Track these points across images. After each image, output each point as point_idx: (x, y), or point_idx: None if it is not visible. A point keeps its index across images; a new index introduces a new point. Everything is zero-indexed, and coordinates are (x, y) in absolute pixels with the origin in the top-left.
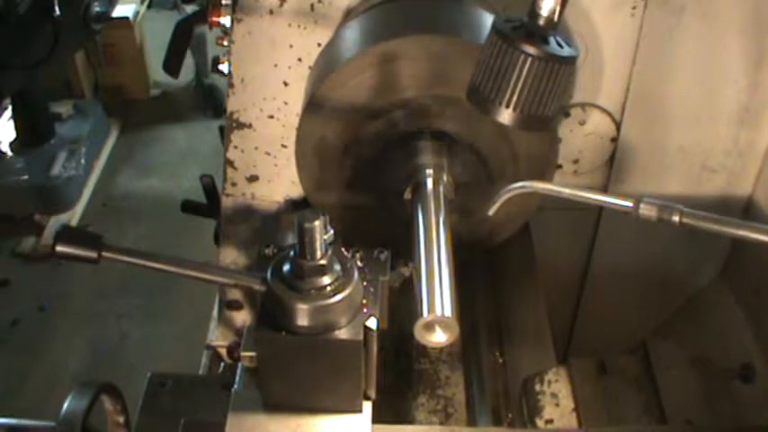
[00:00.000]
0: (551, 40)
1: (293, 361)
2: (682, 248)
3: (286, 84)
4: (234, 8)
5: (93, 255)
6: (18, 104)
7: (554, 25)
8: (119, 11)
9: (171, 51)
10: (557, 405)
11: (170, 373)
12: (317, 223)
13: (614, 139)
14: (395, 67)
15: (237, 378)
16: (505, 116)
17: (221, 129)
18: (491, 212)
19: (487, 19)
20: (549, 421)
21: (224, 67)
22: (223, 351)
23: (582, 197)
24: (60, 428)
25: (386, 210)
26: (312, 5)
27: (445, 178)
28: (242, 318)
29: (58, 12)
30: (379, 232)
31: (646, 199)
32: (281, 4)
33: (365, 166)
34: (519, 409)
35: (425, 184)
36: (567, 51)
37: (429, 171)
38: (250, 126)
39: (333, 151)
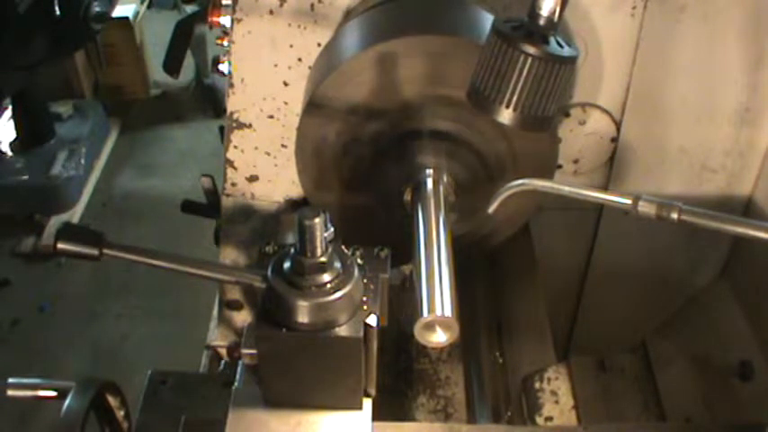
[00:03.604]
0: (551, 40)
1: (294, 358)
2: (682, 248)
3: (286, 84)
4: (234, 8)
5: (95, 252)
6: (18, 104)
7: (554, 25)
8: (119, 11)
9: (171, 51)
10: (556, 402)
11: (171, 371)
12: (317, 221)
13: (614, 139)
14: (395, 67)
15: (238, 375)
16: (505, 116)
17: (221, 129)
18: (491, 210)
19: (487, 19)
20: (549, 419)
21: (224, 67)
22: (223, 351)
23: (581, 195)
24: (61, 426)
25: (386, 210)
26: (312, 5)
27: (445, 178)
28: (242, 318)
29: (58, 12)
30: (379, 232)
31: (644, 196)
32: (281, 4)
33: (365, 167)
34: (519, 406)
35: (425, 184)
36: (567, 51)
37: (429, 171)
38: (250, 126)
39: (333, 151)
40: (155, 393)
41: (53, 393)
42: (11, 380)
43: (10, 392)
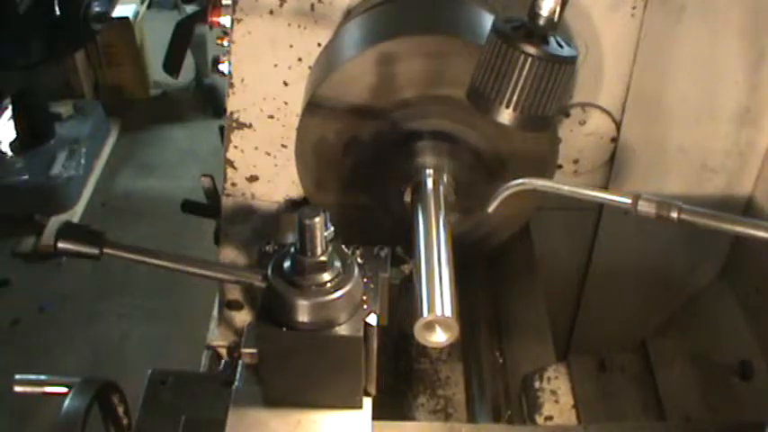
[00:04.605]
0: (551, 40)
1: (294, 357)
2: (682, 248)
3: (286, 84)
4: (234, 8)
5: (95, 251)
6: (18, 104)
7: (554, 25)
8: (119, 11)
9: (171, 51)
10: (556, 402)
11: (171, 371)
12: (317, 220)
13: (614, 139)
14: (395, 67)
15: (238, 375)
16: (505, 116)
17: (221, 129)
18: (490, 209)
19: (487, 19)
20: (549, 418)
21: (224, 67)
22: (223, 351)
23: (581, 194)
24: (62, 425)
25: (386, 210)
26: (312, 5)
27: (445, 178)
28: (242, 318)
29: (58, 12)
30: (379, 232)
31: (644, 195)
32: (281, 4)
33: (365, 166)
34: (518, 406)
35: (425, 184)
36: (567, 51)
37: (429, 171)
38: (250, 126)
39: (333, 151)
40: (155, 393)
41: (60, 390)
42: (17, 376)
43: (17, 389)
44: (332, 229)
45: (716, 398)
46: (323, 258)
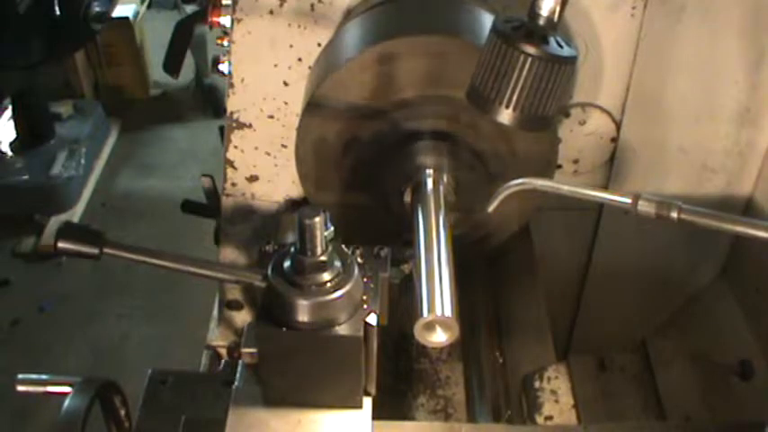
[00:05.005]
0: (551, 40)
1: (294, 357)
2: (682, 248)
3: (286, 84)
4: (234, 8)
5: (95, 251)
6: (18, 104)
7: (554, 25)
8: (119, 11)
9: (171, 51)
10: (556, 402)
11: (171, 370)
12: (317, 219)
13: (614, 139)
14: (395, 67)
15: (238, 375)
16: (505, 116)
17: (221, 129)
18: (490, 209)
19: (487, 19)
20: (549, 418)
21: (224, 67)
22: (223, 351)
23: (581, 194)
24: (62, 424)
25: (386, 210)
26: (312, 5)
27: (445, 178)
28: (242, 318)
29: (58, 12)
30: (380, 232)
31: (644, 195)
32: (281, 4)
33: (365, 167)
34: (518, 405)
35: (425, 184)
36: (567, 51)
37: (429, 171)
38: (250, 126)
39: (333, 151)
40: (155, 393)
41: (63, 389)
42: (20, 375)
43: (20, 388)
44: (332, 229)
45: (716, 398)
46: (323, 258)
